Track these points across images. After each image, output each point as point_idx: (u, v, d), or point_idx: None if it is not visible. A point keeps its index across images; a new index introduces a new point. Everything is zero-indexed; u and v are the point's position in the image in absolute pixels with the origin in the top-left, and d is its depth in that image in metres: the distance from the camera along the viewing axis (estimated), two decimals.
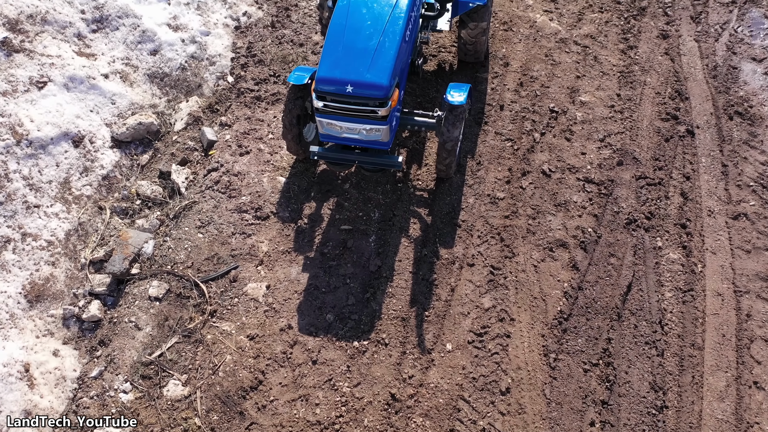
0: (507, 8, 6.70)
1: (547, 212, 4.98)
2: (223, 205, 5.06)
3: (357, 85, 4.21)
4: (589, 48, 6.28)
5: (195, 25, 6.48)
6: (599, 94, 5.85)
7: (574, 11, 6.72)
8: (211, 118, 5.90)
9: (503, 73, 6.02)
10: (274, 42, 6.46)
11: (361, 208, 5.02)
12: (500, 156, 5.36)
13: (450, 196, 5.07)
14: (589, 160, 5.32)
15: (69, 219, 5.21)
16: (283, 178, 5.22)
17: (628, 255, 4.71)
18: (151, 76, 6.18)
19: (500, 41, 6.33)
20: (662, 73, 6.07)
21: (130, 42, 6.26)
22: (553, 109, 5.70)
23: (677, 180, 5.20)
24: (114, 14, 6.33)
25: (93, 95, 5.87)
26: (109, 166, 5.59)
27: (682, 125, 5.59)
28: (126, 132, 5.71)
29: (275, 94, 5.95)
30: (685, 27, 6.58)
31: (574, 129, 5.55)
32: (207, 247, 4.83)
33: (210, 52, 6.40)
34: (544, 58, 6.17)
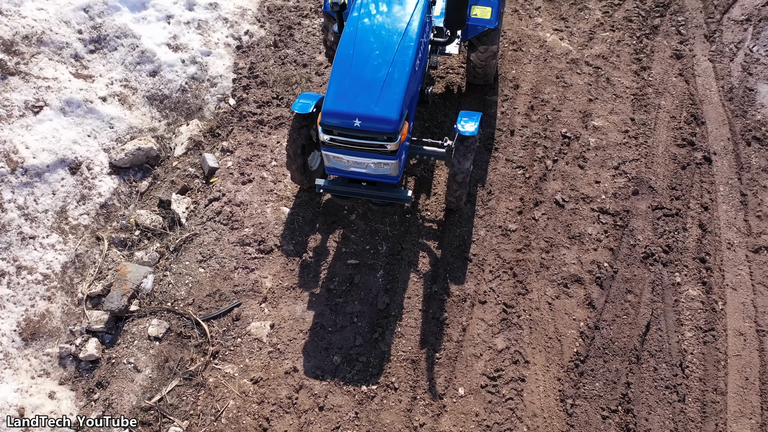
0: (516, 27, 6.53)
1: (561, 245, 4.80)
2: (225, 238, 4.88)
3: (365, 119, 4.03)
4: (601, 69, 6.10)
5: (195, 45, 6.31)
6: (612, 118, 5.67)
7: (585, 30, 6.54)
8: (213, 143, 5.72)
9: (513, 96, 5.85)
10: (276, 62, 6.28)
11: (368, 240, 4.84)
12: (511, 185, 5.18)
13: (460, 228, 4.90)
14: (604, 189, 5.14)
15: (65, 250, 5.03)
16: (287, 209, 5.04)
17: (646, 292, 4.54)
18: (151, 98, 6.01)
19: (510, 62, 6.15)
20: (677, 96, 5.89)
21: (128, 63, 6.08)
22: (566, 134, 5.52)
23: (695, 210, 5.02)
24: (112, 34, 6.15)
25: (90, 119, 5.70)
26: (107, 194, 5.41)
27: (699, 152, 5.41)
28: (125, 158, 5.54)
29: (278, 118, 5.78)
30: (698, 46, 6.40)
31: (587, 156, 5.37)
32: (208, 283, 4.65)
33: (211, 73, 6.22)
34: (555, 80, 5.99)
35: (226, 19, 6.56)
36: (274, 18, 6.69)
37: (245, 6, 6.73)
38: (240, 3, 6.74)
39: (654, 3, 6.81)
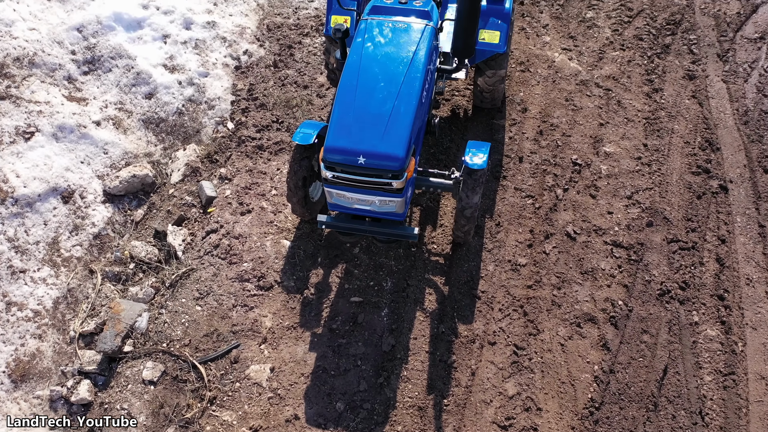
0: (523, 46, 6.33)
1: (573, 281, 4.61)
2: (223, 273, 4.68)
3: (370, 156, 3.83)
4: (612, 91, 5.91)
5: (193, 66, 6.11)
6: (624, 144, 5.48)
7: (594, 49, 6.34)
8: (210, 170, 5.52)
9: (521, 120, 5.65)
10: (276, 83, 6.08)
11: (372, 276, 4.65)
12: (521, 215, 4.99)
13: (468, 263, 4.70)
14: (617, 220, 4.95)
15: (57, 285, 4.84)
16: (287, 242, 4.85)
17: (662, 332, 4.35)
18: (146, 121, 5.81)
19: (517, 84, 5.96)
20: (690, 120, 5.70)
21: (123, 85, 5.88)
22: (576, 161, 5.32)
23: (712, 243, 4.83)
24: (106, 55, 5.95)
25: (84, 145, 5.50)
26: (100, 224, 5.22)
27: (715, 180, 5.22)
28: (119, 186, 5.34)
29: (278, 143, 5.58)
30: (711, 66, 6.21)
31: (599, 184, 5.18)
32: (206, 322, 4.46)
33: (209, 95, 6.02)
34: (565, 103, 5.80)
35: (225, 38, 6.36)
36: (274, 37, 6.49)
37: (244, 24, 6.53)
38: (239, 21, 6.54)
39: (665, 20, 6.62)
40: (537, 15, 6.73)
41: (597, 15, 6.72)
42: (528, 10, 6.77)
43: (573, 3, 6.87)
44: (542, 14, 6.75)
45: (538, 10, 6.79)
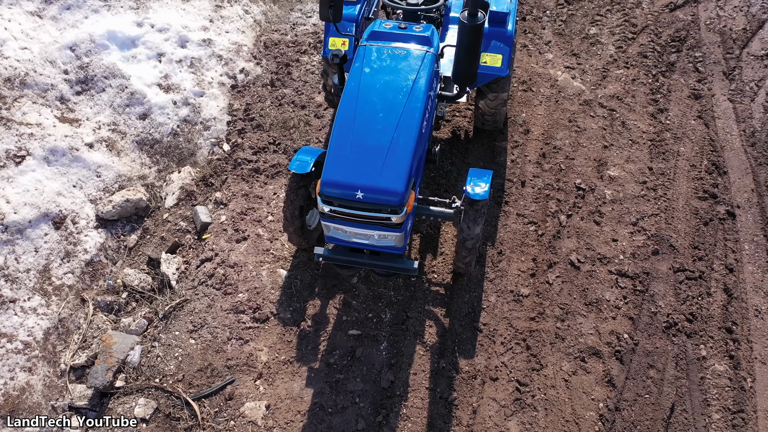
0: (525, 64, 6.21)
1: (578, 313, 4.49)
2: (218, 304, 4.56)
3: (368, 191, 3.71)
4: (616, 111, 5.78)
5: (188, 85, 5.98)
6: (629, 167, 5.36)
7: (598, 67, 6.22)
8: (205, 193, 5.40)
9: (524, 142, 5.53)
10: (273, 103, 5.96)
11: (370, 307, 4.53)
12: (523, 243, 4.87)
13: (469, 293, 4.58)
14: (622, 248, 4.82)
15: (48, 315, 4.72)
16: (284, 271, 4.73)
17: (669, 367, 4.23)
18: (140, 143, 5.69)
19: (519, 104, 5.84)
20: (696, 141, 5.57)
21: (117, 105, 5.76)
22: (580, 185, 5.20)
23: (719, 272, 4.71)
24: (100, 74, 5.83)
25: (76, 168, 5.38)
26: (93, 250, 5.10)
27: (722, 205, 5.10)
28: (112, 210, 5.22)
29: (275, 166, 5.46)
30: (717, 85, 6.09)
31: (603, 210, 5.06)
32: (200, 356, 4.34)
33: (204, 116, 5.90)
34: (568, 124, 5.67)
35: (221, 57, 6.24)
36: (271, 54, 6.36)
37: (241, 42, 6.41)
38: (235, 38, 6.42)
39: (670, 37, 6.49)
40: (539, 31, 6.61)
41: (600, 31, 6.60)
42: (530, 26, 6.65)
43: (576, 19, 6.75)
44: (544, 30, 6.63)
45: (540, 26, 6.67)
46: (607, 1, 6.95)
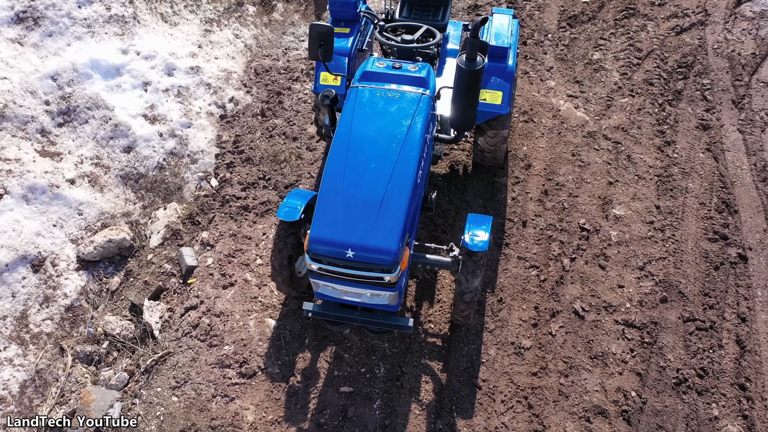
0: (527, 93, 5.96)
1: (582, 367, 4.25)
2: (203, 358, 4.32)
3: (359, 249, 3.47)
4: (621, 144, 5.54)
5: (175, 116, 5.74)
6: (635, 205, 5.11)
7: (602, 95, 5.97)
8: (192, 232, 5.16)
9: (525, 178, 5.29)
10: (264, 135, 5.71)
11: (363, 361, 4.28)
12: (524, 289, 4.63)
13: (468, 346, 4.34)
14: (628, 295, 4.58)
15: (25, 366, 4.48)
16: (272, 321, 4.48)
17: (679, 428, 3.99)
18: (125, 177, 5.44)
19: (520, 136, 5.59)
20: (705, 177, 5.33)
21: (100, 138, 5.52)
22: (584, 226, 4.96)
23: (731, 322, 4.47)
24: (83, 105, 5.59)
25: (57, 206, 5.14)
26: (73, 294, 4.86)
27: (733, 247, 4.86)
28: (94, 252, 4.99)
29: (265, 203, 5.22)
30: (726, 114, 5.84)
31: (608, 253, 4.81)
32: (182, 415, 4.10)
33: (191, 148, 5.66)
34: (571, 158, 5.43)
35: (209, 85, 5.99)
36: (262, 82, 6.12)
37: (230, 69, 6.16)
38: (225, 65, 6.17)
39: (676, 63, 6.25)
40: (541, 56, 6.37)
41: (604, 56, 6.36)
42: (531, 51, 6.41)
43: (579, 43, 6.51)
44: (546, 55, 6.38)
45: (541, 51, 6.43)
46: (611, 23, 6.71)
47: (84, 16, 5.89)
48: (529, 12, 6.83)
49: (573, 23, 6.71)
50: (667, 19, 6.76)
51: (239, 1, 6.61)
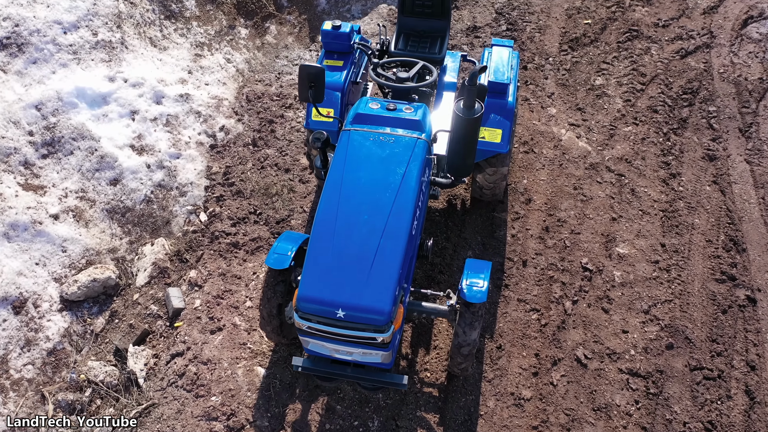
0: (527, 121, 5.78)
1: (585, 420, 4.06)
2: (189, 409, 4.14)
3: (350, 309, 3.29)
4: (625, 177, 5.36)
5: (163, 146, 5.55)
6: (640, 243, 4.93)
7: (605, 123, 5.79)
8: (180, 270, 4.98)
9: (525, 214, 5.10)
10: (255, 166, 5.53)
11: (356, 413, 4.10)
12: (525, 334, 4.44)
13: (465, 397, 4.16)
14: (633, 341, 4.40)
15: (4, 416, 4.30)
16: (262, 369, 4.30)
17: None
18: (111, 211, 5.26)
19: (520, 168, 5.41)
20: (712, 212, 5.15)
21: (86, 170, 5.33)
22: (586, 265, 4.78)
23: (740, 371, 4.29)
24: (68, 135, 5.40)
25: (39, 243, 4.95)
26: (56, 337, 4.68)
27: (741, 289, 4.67)
28: (78, 292, 4.81)
29: (255, 240, 5.03)
30: (733, 143, 5.66)
31: (612, 295, 4.63)
32: None
33: (180, 180, 5.47)
34: (573, 192, 5.24)
35: (199, 113, 5.80)
36: (254, 109, 5.93)
37: (221, 95, 5.97)
38: (215, 92, 5.98)
39: (681, 89, 6.06)
40: (541, 81, 6.18)
41: (607, 82, 6.17)
42: (532, 76, 6.22)
43: (581, 67, 6.32)
44: (547, 80, 6.20)
45: (542, 76, 6.24)
46: (613, 46, 6.52)
47: (70, 42, 5.71)
48: (529, 34, 6.64)
49: (575, 46, 6.53)
50: (672, 41, 6.57)
51: (231, 24, 6.42)
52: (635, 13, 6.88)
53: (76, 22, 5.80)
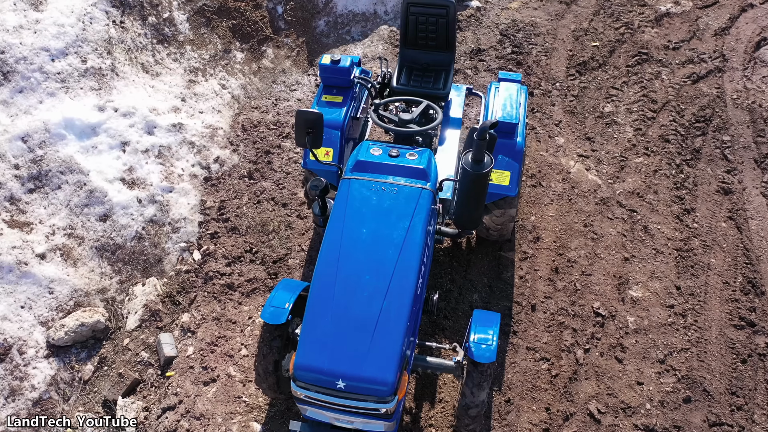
0: (534, 151, 5.55)
1: None
2: None
3: (351, 380, 3.07)
4: (637, 212, 5.13)
5: (155, 179, 5.32)
6: (654, 285, 4.71)
7: (615, 154, 5.57)
8: (172, 313, 4.75)
9: (533, 253, 4.88)
10: (251, 200, 5.30)
11: None
12: (534, 386, 4.22)
13: None
14: (648, 394, 4.18)
15: None
16: (258, 425, 4.08)
17: None
18: (100, 249, 5.03)
19: (528, 203, 5.18)
20: (728, 251, 4.93)
21: (74, 205, 5.10)
22: (598, 310, 4.56)
23: (761, 425, 4.07)
24: (55, 169, 5.17)
25: (25, 285, 4.73)
26: (42, 386, 4.46)
27: (761, 335, 4.45)
28: (65, 337, 4.58)
29: (251, 281, 4.81)
30: (748, 175, 5.44)
31: (625, 343, 4.41)
32: None
33: (173, 215, 5.24)
34: (583, 229, 5.02)
35: (193, 144, 5.57)
36: (250, 139, 5.70)
37: (216, 124, 5.74)
38: (210, 120, 5.75)
39: (693, 117, 5.85)
40: (548, 109, 5.96)
41: (617, 109, 5.94)
42: (538, 102, 6.00)
43: (589, 93, 6.10)
44: (554, 107, 5.97)
45: (549, 102, 6.02)
46: (623, 71, 6.30)
47: (58, 70, 5.47)
48: (535, 57, 6.42)
49: (582, 70, 6.30)
50: (683, 65, 6.35)
51: (226, 48, 6.19)
52: (644, 35, 6.66)
53: (65, 49, 5.56)
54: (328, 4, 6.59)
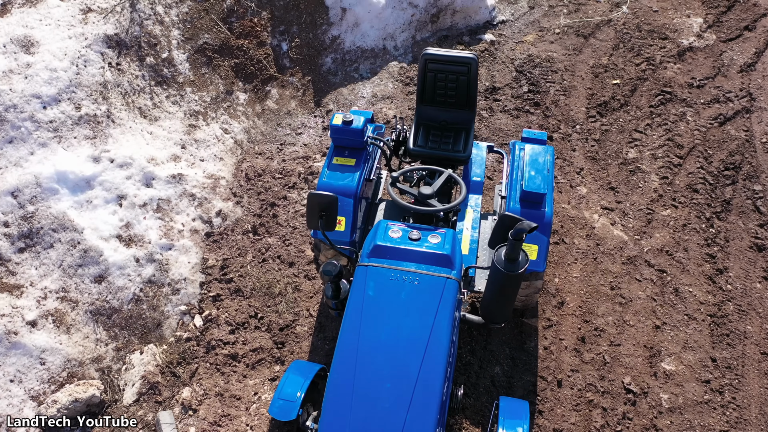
0: (556, 204, 5.24)
1: None
2: None
3: None
4: (667, 273, 4.83)
5: (153, 236, 5.00)
6: (688, 357, 4.40)
7: (641, 205, 5.26)
8: (172, 387, 4.44)
9: (558, 320, 4.57)
10: (255, 258, 4.99)
11: None
12: None
13: None
14: None
15: None
16: None
17: None
18: (95, 313, 4.72)
19: (551, 263, 4.87)
20: (766, 316, 4.62)
21: (67, 265, 4.79)
22: (629, 387, 4.25)
23: None
24: (47, 226, 4.85)
25: (14, 357, 4.42)
26: None
27: None
28: (57, 414, 4.27)
29: (257, 350, 4.50)
30: None
31: (659, 424, 4.11)
32: None
33: (173, 275, 4.93)
34: (610, 293, 4.72)
35: (194, 196, 5.25)
36: (254, 189, 5.38)
37: (218, 174, 5.42)
38: (211, 169, 5.43)
39: (722, 163, 5.54)
40: (569, 154, 5.64)
41: (641, 155, 5.63)
42: (558, 147, 5.68)
43: (611, 136, 5.78)
44: (575, 153, 5.66)
45: (569, 147, 5.70)
46: (645, 111, 5.98)
47: (50, 118, 5.15)
48: (553, 97, 6.10)
49: (603, 111, 5.99)
50: (708, 104, 6.04)
51: (228, 89, 5.86)
52: (667, 71, 6.34)
53: (57, 95, 5.24)
54: (336, 40, 6.27)
